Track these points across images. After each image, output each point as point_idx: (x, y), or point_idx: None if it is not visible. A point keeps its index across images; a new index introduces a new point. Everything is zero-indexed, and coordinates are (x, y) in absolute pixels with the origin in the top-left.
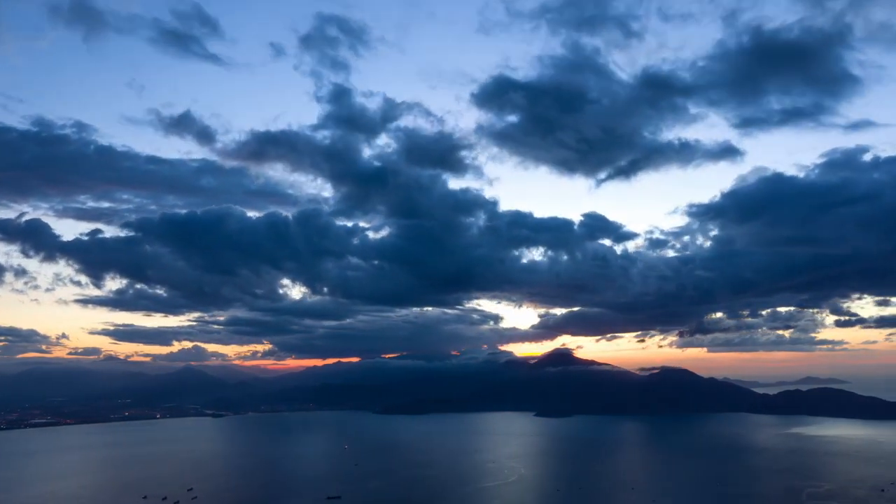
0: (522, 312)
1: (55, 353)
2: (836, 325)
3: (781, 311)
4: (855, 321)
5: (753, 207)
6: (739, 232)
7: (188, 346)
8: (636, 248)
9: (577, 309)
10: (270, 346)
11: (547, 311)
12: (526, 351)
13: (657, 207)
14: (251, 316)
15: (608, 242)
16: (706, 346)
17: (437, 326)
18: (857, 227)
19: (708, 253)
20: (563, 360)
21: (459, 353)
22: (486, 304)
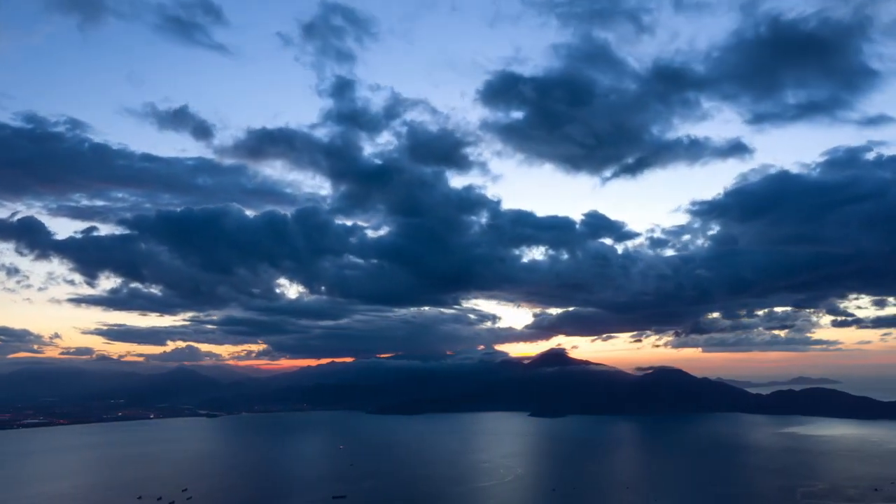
0: (518, 312)
1: (47, 352)
2: (832, 325)
3: (778, 311)
4: (851, 321)
5: (757, 205)
6: (741, 230)
7: (182, 345)
8: (636, 245)
9: (572, 309)
10: (265, 345)
11: (542, 310)
12: (521, 351)
13: (660, 205)
14: (247, 315)
15: (609, 241)
16: (701, 346)
17: (434, 326)
18: (861, 225)
19: (708, 252)
20: (557, 360)
21: (454, 352)
22: (483, 303)
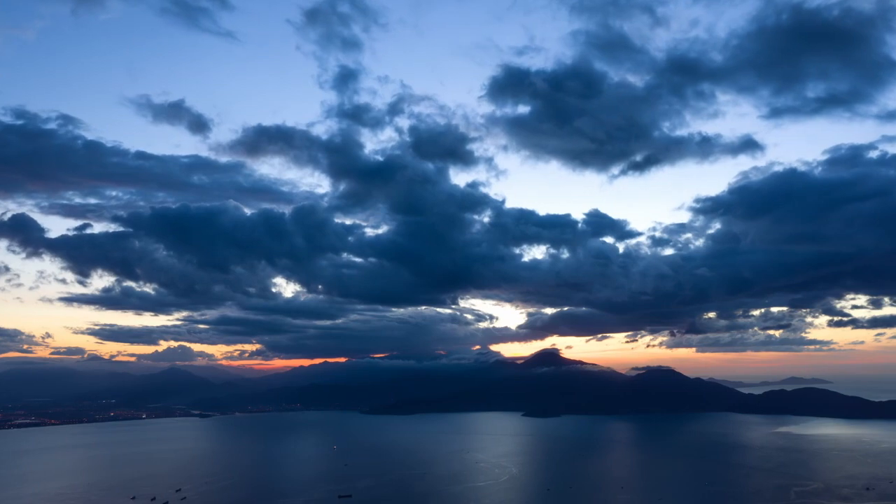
0: (514, 312)
1: (38, 352)
2: (828, 325)
3: (774, 311)
4: (847, 322)
5: (761, 202)
6: (743, 228)
7: (174, 345)
8: (637, 244)
9: (567, 309)
10: (258, 345)
11: (538, 310)
12: (515, 351)
13: (664, 202)
14: (241, 315)
15: (611, 240)
16: (695, 346)
17: (430, 326)
18: (864, 224)
19: (707, 251)
20: (550, 360)
21: (447, 353)
22: (479, 303)
